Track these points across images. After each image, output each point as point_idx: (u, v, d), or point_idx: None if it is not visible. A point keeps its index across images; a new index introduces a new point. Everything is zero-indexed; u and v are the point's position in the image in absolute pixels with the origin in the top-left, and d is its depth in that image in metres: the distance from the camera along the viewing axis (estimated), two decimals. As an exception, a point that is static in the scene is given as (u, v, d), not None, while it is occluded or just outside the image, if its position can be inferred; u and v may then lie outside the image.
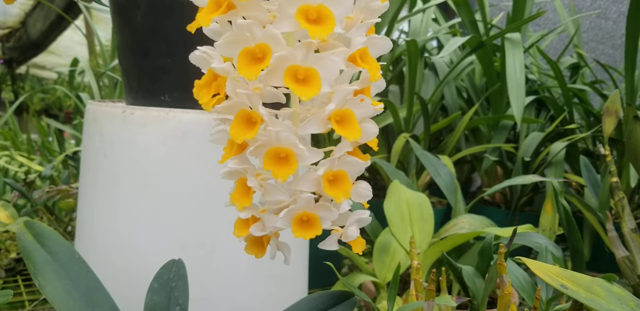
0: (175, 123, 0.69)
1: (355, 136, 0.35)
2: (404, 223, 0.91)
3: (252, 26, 0.34)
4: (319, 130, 0.35)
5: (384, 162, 1.07)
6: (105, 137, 0.73)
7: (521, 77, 1.14)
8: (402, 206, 0.94)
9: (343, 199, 0.35)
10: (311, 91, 0.34)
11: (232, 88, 0.35)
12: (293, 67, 0.34)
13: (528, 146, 1.34)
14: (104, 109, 0.73)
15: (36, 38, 4.86)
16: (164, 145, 0.70)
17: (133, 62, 0.75)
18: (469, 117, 1.30)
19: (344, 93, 0.35)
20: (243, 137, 0.34)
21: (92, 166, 0.75)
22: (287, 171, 0.34)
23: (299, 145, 0.34)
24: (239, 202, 0.36)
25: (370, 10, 0.38)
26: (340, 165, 0.36)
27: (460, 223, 0.91)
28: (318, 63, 0.34)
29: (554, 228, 0.87)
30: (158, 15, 0.71)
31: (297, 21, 0.33)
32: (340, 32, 0.35)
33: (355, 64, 0.36)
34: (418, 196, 0.96)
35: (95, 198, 0.74)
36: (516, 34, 1.23)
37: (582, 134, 1.25)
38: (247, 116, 0.35)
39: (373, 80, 0.36)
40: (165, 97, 0.73)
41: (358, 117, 0.36)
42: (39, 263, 0.57)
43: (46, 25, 4.65)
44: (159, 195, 0.70)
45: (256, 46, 0.34)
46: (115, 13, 0.76)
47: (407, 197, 0.95)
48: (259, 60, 0.34)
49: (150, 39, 0.73)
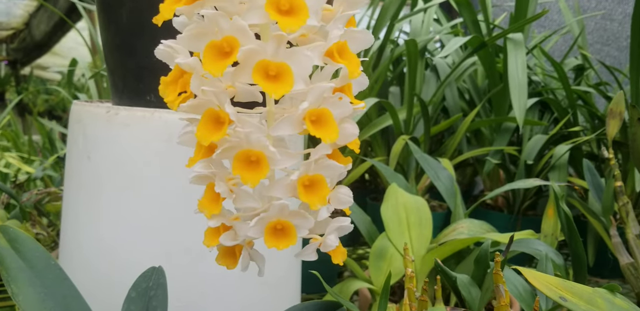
0: (161, 124, 0.67)
1: (332, 137, 0.32)
2: (401, 228, 0.89)
3: (218, 17, 0.31)
4: (294, 131, 0.33)
5: (382, 165, 1.04)
6: (89, 138, 0.70)
7: (523, 78, 1.11)
8: (400, 210, 0.91)
9: (319, 206, 0.33)
10: (282, 88, 0.31)
11: (197, 85, 0.32)
12: (263, 62, 0.31)
13: (531, 149, 1.30)
14: (87, 109, 0.71)
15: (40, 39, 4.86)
16: (149, 146, 0.67)
17: (118, 60, 0.73)
18: (471, 119, 1.27)
19: (320, 91, 0.32)
20: (210, 138, 0.32)
21: (75, 168, 0.73)
22: (258, 176, 0.32)
23: (269, 148, 0.31)
24: (207, 209, 0.34)
25: (350, 2, 0.36)
26: (317, 169, 0.33)
27: (460, 228, 0.88)
28: (290, 58, 0.31)
29: (556, 234, 0.84)
30: (143, 12, 0.69)
31: (267, 12, 0.30)
32: (315, 24, 0.32)
33: (333, 59, 0.33)
34: (416, 200, 0.93)
35: (79, 202, 0.72)
36: (518, 34, 1.20)
37: (586, 137, 1.22)
38: (215, 116, 0.32)
39: (352, 76, 0.33)
40: (151, 97, 0.71)
41: (336, 117, 0.33)
42: (12, 269, 0.54)
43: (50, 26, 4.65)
44: (144, 199, 0.67)
45: (223, 39, 0.31)
46: (100, 10, 0.74)
47: (405, 201, 0.92)
48: (226, 54, 0.31)
49: (135, 37, 0.70)
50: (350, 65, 0.33)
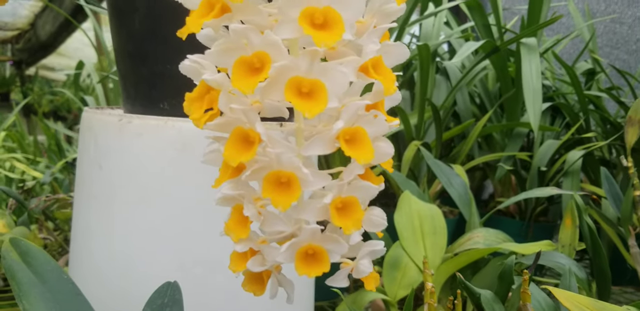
0: (175, 133, 0.65)
1: (367, 158, 0.30)
2: (415, 237, 0.87)
3: (249, 32, 0.29)
4: (326, 151, 0.31)
5: (395, 172, 1.03)
6: (101, 147, 0.69)
7: (538, 84, 1.09)
8: (414, 218, 0.89)
9: (354, 230, 0.31)
10: (317, 107, 0.29)
11: (226, 102, 0.30)
12: (296, 78, 0.30)
13: (543, 154, 1.29)
14: (99, 117, 0.69)
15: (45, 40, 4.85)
16: (163, 156, 0.66)
17: (131, 67, 0.71)
18: (483, 124, 1.26)
19: (355, 108, 0.31)
20: (238, 159, 0.30)
21: (86, 178, 0.71)
22: (289, 198, 0.30)
23: (302, 169, 0.30)
24: (234, 232, 0.32)
25: (385, 13, 0.34)
26: (350, 191, 0.32)
27: (475, 238, 0.87)
28: (325, 74, 0.30)
29: (574, 244, 0.82)
30: (157, 18, 0.67)
31: (301, 26, 0.29)
32: (350, 38, 0.30)
33: (368, 74, 0.31)
34: (430, 208, 0.91)
35: (90, 212, 0.70)
36: (532, 39, 1.19)
37: (600, 143, 1.20)
38: (244, 135, 0.31)
39: (387, 93, 0.32)
40: (165, 105, 0.69)
41: (370, 135, 0.31)
42: (24, 284, 0.53)
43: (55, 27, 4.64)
44: (157, 209, 0.66)
45: (253, 55, 0.30)
46: (112, 16, 0.72)
47: (419, 209, 0.90)
48: (257, 70, 0.30)
49: (148, 43, 0.69)
50: (386, 81, 0.32)
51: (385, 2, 0.34)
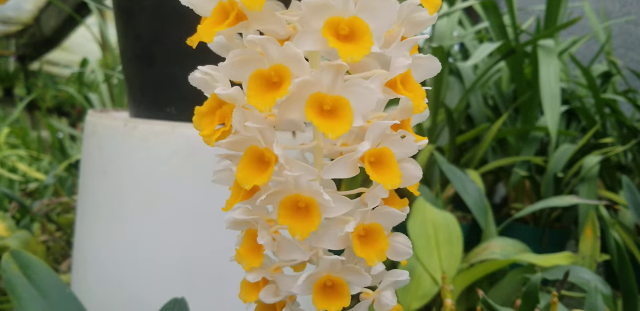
0: (182, 139, 0.62)
1: (393, 183, 0.28)
2: (429, 246, 0.84)
3: (267, 43, 0.26)
4: (348, 175, 0.28)
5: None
6: (105, 153, 0.66)
7: (556, 88, 1.06)
8: (428, 227, 0.86)
9: (377, 261, 0.28)
10: (340, 127, 0.26)
11: (240, 120, 0.28)
12: (318, 95, 0.27)
13: (559, 159, 1.25)
14: (103, 122, 0.66)
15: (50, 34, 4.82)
16: (169, 162, 0.63)
17: (137, 70, 0.69)
18: (497, 127, 1.22)
19: (381, 129, 0.28)
20: (252, 182, 0.27)
21: (90, 184, 0.68)
22: (308, 227, 0.27)
23: (323, 195, 0.27)
24: (246, 260, 0.29)
25: (414, 22, 0.31)
26: (374, 217, 0.29)
27: (492, 248, 0.84)
28: (349, 91, 0.27)
29: (595, 256, 0.79)
30: (164, 19, 0.64)
31: (325, 38, 0.26)
32: (378, 51, 0.27)
33: (396, 90, 0.29)
34: (445, 216, 0.88)
35: (94, 220, 0.68)
36: (550, 41, 1.15)
37: (618, 149, 1.17)
38: (258, 154, 0.28)
39: (417, 111, 0.29)
40: (172, 109, 0.67)
41: (397, 156, 0.29)
42: (24, 299, 0.51)
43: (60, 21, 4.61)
44: (163, 218, 0.63)
45: (271, 68, 0.27)
46: (118, 16, 0.69)
47: (433, 217, 0.88)
48: (275, 85, 0.27)
49: (155, 46, 0.66)
50: (415, 98, 0.29)
51: (415, 10, 0.31)
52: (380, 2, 0.26)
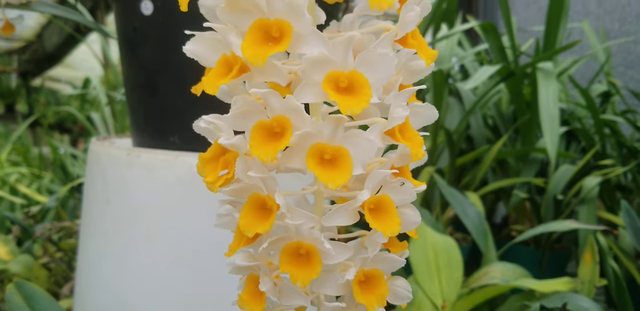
0: (185, 168, 0.63)
1: (393, 230, 0.28)
2: (430, 271, 0.84)
3: (269, 96, 0.27)
4: (348, 222, 0.29)
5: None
6: (109, 182, 0.67)
7: (555, 110, 1.07)
8: (428, 251, 0.87)
9: (378, 307, 0.29)
10: (341, 176, 0.27)
11: (243, 169, 0.28)
12: (318, 146, 0.28)
13: (559, 180, 1.26)
14: (107, 151, 0.67)
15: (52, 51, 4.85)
16: (172, 192, 0.64)
17: (140, 99, 0.69)
18: (497, 149, 1.23)
19: (380, 177, 0.29)
20: (255, 229, 0.28)
21: (94, 212, 0.69)
22: (310, 274, 0.28)
23: (324, 243, 0.27)
24: (248, 306, 0.30)
25: (411, 71, 0.32)
26: (374, 263, 0.30)
27: (492, 273, 0.84)
28: (349, 141, 0.28)
29: (594, 281, 0.79)
30: (169, 49, 0.65)
31: (325, 92, 0.27)
32: (377, 101, 0.28)
33: (394, 138, 0.29)
34: (445, 240, 0.89)
35: (97, 248, 0.68)
36: (549, 64, 1.17)
37: (618, 170, 1.18)
38: (260, 202, 0.29)
39: (415, 158, 0.30)
40: (175, 138, 0.67)
41: (396, 203, 0.29)
42: (27, 330, 0.51)
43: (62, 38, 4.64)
44: (166, 247, 0.63)
45: (273, 119, 0.28)
46: (122, 46, 0.70)
47: (434, 242, 0.88)
48: (277, 135, 0.28)
49: (160, 75, 0.67)
50: (413, 146, 0.30)
51: (411, 59, 0.32)
52: (378, 57, 0.27)
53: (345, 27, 0.34)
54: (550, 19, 1.27)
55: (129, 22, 0.67)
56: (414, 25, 0.29)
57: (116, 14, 0.70)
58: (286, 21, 0.27)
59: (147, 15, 0.65)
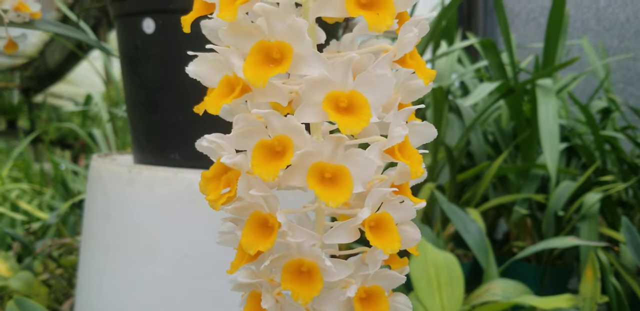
0: (185, 185, 0.63)
1: (393, 247, 0.29)
2: (431, 288, 0.84)
3: (270, 116, 0.28)
4: (349, 240, 0.29)
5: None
6: (110, 198, 0.67)
7: (555, 127, 1.08)
8: (429, 268, 0.87)
9: (378, 325, 0.29)
10: (341, 195, 0.27)
11: (245, 188, 0.29)
12: (319, 164, 0.28)
13: (559, 196, 1.26)
14: (108, 168, 0.68)
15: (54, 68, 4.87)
16: (172, 208, 0.64)
17: (142, 116, 0.70)
18: (498, 165, 1.23)
19: (380, 195, 0.29)
20: (257, 247, 0.28)
21: (94, 228, 0.69)
22: (311, 291, 0.28)
23: (325, 261, 0.28)
24: (251, 323, 0.30)
25: (409, 90, 0.33)
26: (374, 280, 0.30)
27: (493, 289, 0.84)
28: (349, 160, 0.28)
29: (596, 298, 0.79)
30: (170, 67, 0.66)
31: (325, 112, 0.27)
32: (376, 121, 0.29)
33: (394, 157, 0.30)
34: (446, 256, 0.89)
35: (97, 264, 0.68)
36: (548, 81, 1.17)
37: (619, 186, 1.18)
38: (262, 220, 0.29)
39: (415, 176, 0.30)
40: (176, 155, 0.68)
41: (396, 220, 0.30)
42: (27, 347, 0.51)
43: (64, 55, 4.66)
44: (166, 263, 0.64)
45: (275, 139, 0.28)
46: (124, 64, 0.71)
47: (435, 258, 0.88)
48: (278, 154, 0.28)
49: (161, 93, 0.67)
50: (413, 164, 0.30)
51: (410, 78, 0.32)
52: (377, 78, 0.28)
53: (344, 46, 0.35)
54: (549, 36, 1.28)
55: (131, 40, 0.68)
56: (412, 46, 0.29)
57: (118, 32, 0.71)
58: (287, 43, 0.27)
59: (148, 33, 0.66)
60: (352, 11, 0.27)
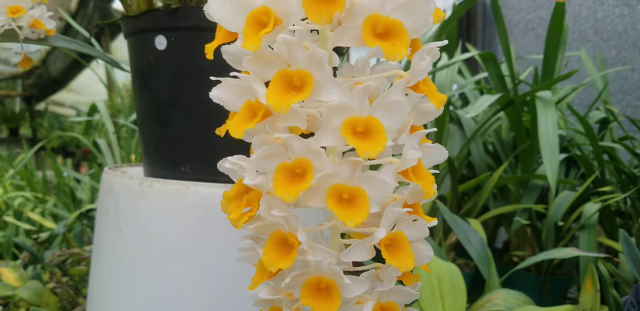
0: (197, 198, 0.65)
1: (407, 265, 0.30)
2: (434, 298, 0.86)
3: (291, 140, 0.29)
4: (366, 258, 0.31)
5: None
6: (121, 211, 0.69)
7: (555, 138, 1.09)
8: (432, 278, 0.88)
9: (393, 339, 0.31)
10: (359, 216, 0.29)
11: (267, 208, 0.30)
12: (337, 186, 0.29)
13: (559, 206, 1.28)
14: (120, 180, 0.69)
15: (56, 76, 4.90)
16: (184, 221, 0.65)
17: (153, 130, 0.72)
18: (498, 175, 1.25)
19: (395, 215, 0.30)
20: (278, 265, 0.30)
21: (105, 240, 0.71)
22: (330, 307, 0.30)
23: (343, 278, 0.29)
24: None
25: (421, 112, 0.34)
26: (389, 296, 0.32)
27: (495, 299, 0.85)
28: (366, 182, 0.30)
29: (595, 309, 0.80)
30: (181, 83, 0.68)
31: (344, 136, 0.29)
32: (391, 144, 0.30)
33: (407, 178, 0.31)
34: (448, 266, 0.90)
35: (108, 276, 0.70)
36: (547, 93, 1.19)
37: (618, 197, 1.19)
38: (282, 238, 0.31)
39: (427, 196, 0.32)
40: (186, 168, 0.69)
41: (410, 238, 0.31)
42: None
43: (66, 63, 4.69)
44: (177, 276, 0.65)
45: (295, 161, 0.30)
46: (136, 78, 0.73)
47: (437, 268, 0.89)
48: (298, 176, 0.30)
49: (172, 108, 0.69)
50: (425, 185, 0.32)
51: (421, 102, 0.34)
52: (393, 104, 0.29)
53: (358, 70, 0.36)
54: (548, 48, 1.30)
55: (143, 56, 0.70)
56: (425, 73, 0.31)
57: (130, 48, 0.72)
58: (307, 71, 0.29)
59: (160, 50, 0.67)
60: (369, 42, 0.29)
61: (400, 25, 0.29)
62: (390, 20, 0.29)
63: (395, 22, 0.29)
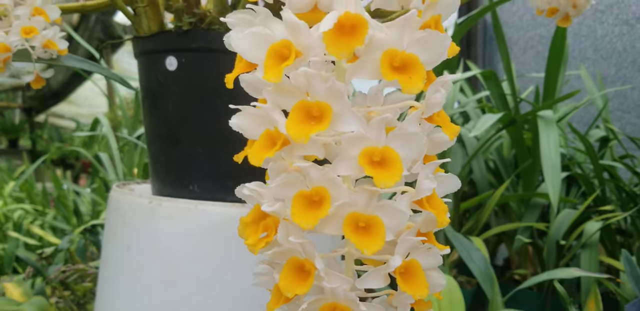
0: (205, 217, 0.65)
1: (422, 293, 0.31)
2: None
3: (309, 169, 0.30)
4: (380, 285, 0.32)
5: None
6: (129, 229, 0.69)
7: (556, 158, 1.10)
8: (434, 296, 0.88)
9: (407, 364, 0.31)
10: (375, 244, 0.30)
11: (285, 235, 0.31)
12: (354, 214, 0.30)
13: (560, 225, 1.28)
14: (128, 198, 0.70)
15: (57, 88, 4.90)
16: (192, 240, 0.66)
17: (162, 149, 0.72)
18: (500, 193, 1.26)
19: (410, 244, 0.31)
20: (295, 291, 0.31)
21: (113, 258, 0.71)
22: (345, 333, 0.30)
23: (359, 305, 0.30)
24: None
25: (434, 142, 0.35)
26: (402, 322, 0.32)
27: (498, 319, 0.86)
28: (382, 211, 0.30)
29: (599, 328, 0.81)
30: (191, 103, 0.69)
31: (361, 166, 0.30)
32: (407, 174, 0.31)
33: (422, 207, 0.32)
34: (446, 280, 0.91)
35: (115, 294, 0.70)
36: (549, 112, 1.20)
37: (619, 216, 1.20)
38: (299, 264, 0.31)
39: (440, 225, 0.32)
40: (195, 187, 0.70)
41: (424, 266, 0.32)
42: None
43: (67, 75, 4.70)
44: (185, 295, 0.65)
45: (313, 189, 0.30)
46: (145, 98, 0.74)
47: (439, 286, 0.90)
48: (316, 204, 0.30)
49: (181, 127, 0.70)
50: (438, 213, 0.32)
51: (434, 132, 0.35)
52: (409, 135, 0.30)
53: (371, 99, 0.37)
54: (550, 67, 1.32)
55: (153, 76, 0.71)
56: (440, 106, 0.32)
57: (140, 68, 0.73)
58: (327, 103, 0.30)
59: (171, 70, 0.68)
60: (387, 76, 0.30)
61: (416, 59, 0.30)
62: (407, 54, 0.30)
63: (412, 56, 0.30)
